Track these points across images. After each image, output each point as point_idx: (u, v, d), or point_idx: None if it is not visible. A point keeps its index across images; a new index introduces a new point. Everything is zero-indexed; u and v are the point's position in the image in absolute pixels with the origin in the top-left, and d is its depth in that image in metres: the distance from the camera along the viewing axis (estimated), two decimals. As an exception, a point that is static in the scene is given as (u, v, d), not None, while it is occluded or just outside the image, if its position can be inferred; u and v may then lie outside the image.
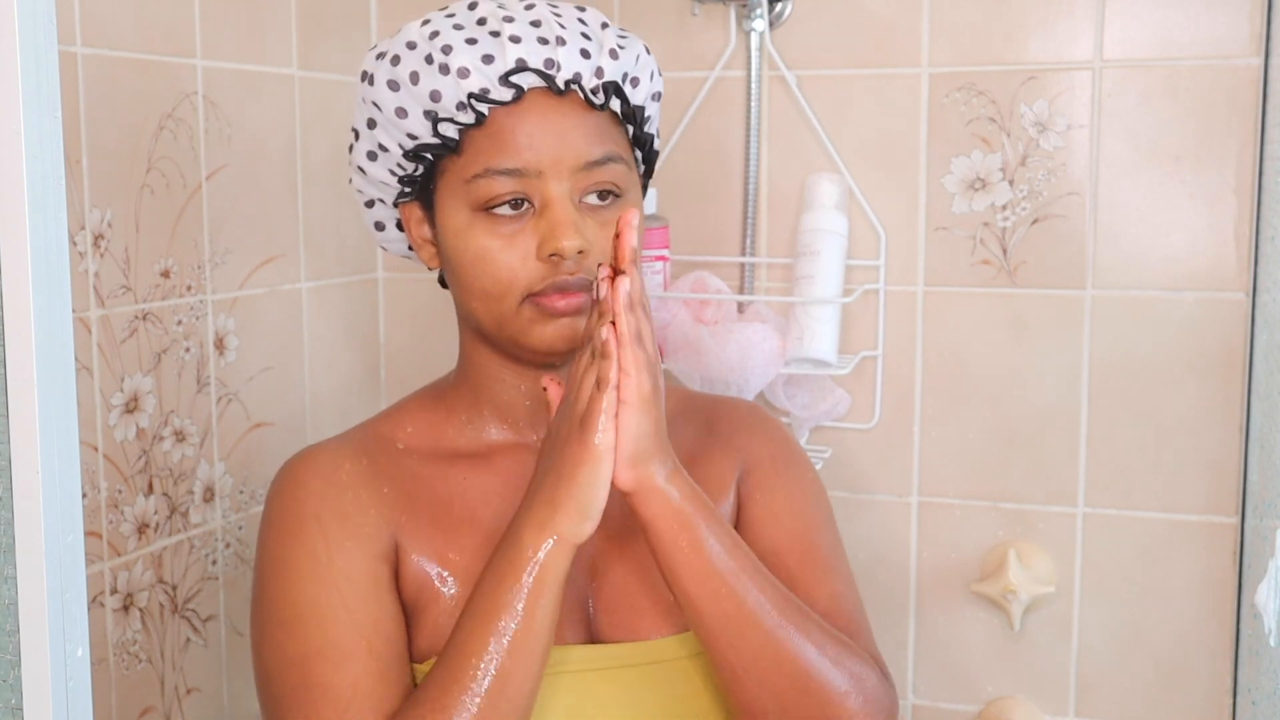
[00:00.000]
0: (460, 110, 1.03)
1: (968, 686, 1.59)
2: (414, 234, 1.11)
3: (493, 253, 1.03)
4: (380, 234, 1.16)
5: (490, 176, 1.03)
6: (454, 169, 1.05)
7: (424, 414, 1.14)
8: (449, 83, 1.02)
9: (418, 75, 1.03)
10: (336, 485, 1.07)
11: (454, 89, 1.02)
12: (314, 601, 1.02)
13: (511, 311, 1.04)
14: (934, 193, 1.54)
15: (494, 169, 1.02)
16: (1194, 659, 1.51)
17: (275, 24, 1.48)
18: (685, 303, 1.57)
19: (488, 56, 1.02)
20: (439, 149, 1.04)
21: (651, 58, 1.11)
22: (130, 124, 1.27)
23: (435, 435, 1.12)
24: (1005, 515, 1.56)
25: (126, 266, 1.28)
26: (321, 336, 1.58)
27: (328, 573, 1.03)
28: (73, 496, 0.86)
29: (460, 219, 1.04)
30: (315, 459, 1.09)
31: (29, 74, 0.81)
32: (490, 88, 1.02)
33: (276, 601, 1.04)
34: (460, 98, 1.02)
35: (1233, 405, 1.47)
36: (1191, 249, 1.47)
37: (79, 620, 0.86)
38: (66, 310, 0.85)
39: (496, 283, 1.03)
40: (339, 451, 1.10)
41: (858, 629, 1.12)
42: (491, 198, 1.03)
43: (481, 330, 1.08)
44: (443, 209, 1.06)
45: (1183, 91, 1.45)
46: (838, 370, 1.52)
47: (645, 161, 1.14)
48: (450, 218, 1.05)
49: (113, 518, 1.27)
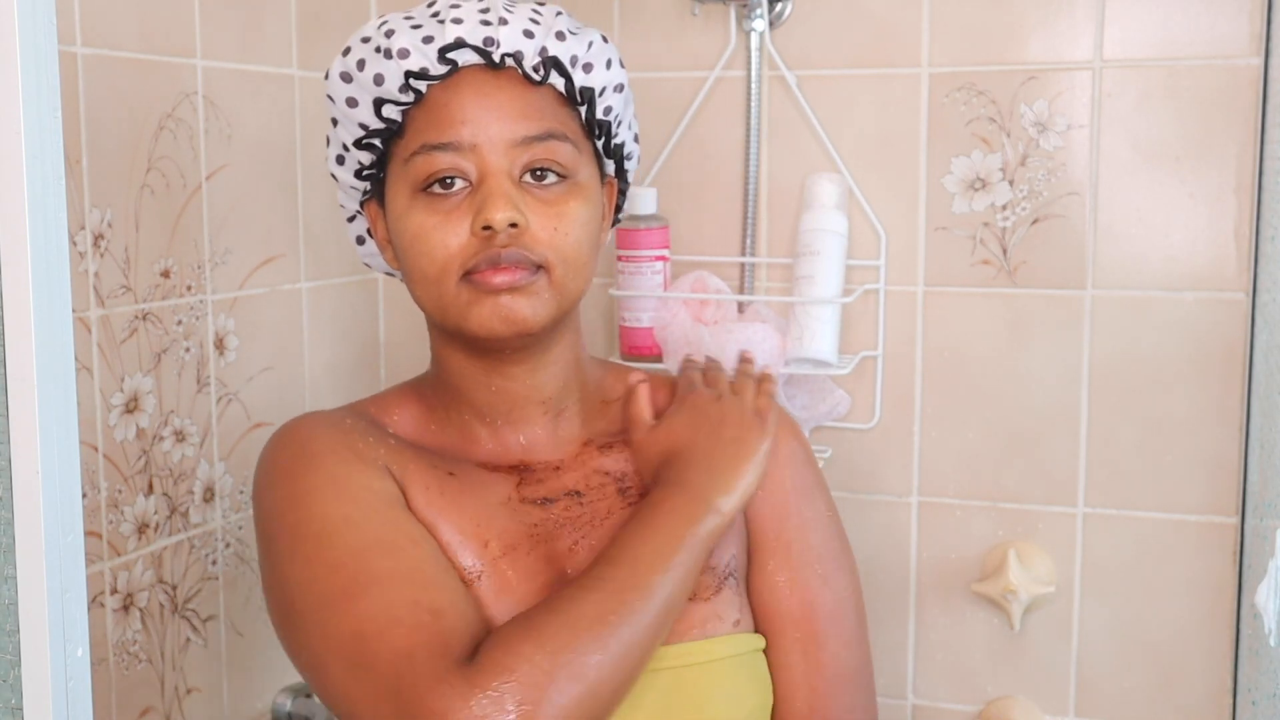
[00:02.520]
0: (402, 92, 1.03)
1: (968, 686, 1.59)
2: (378, 236, 1.10)
3: (428, 230, 1.02)
4: (361, 249, 1.16)
5: (427, 152, 1.02)
6: (398, 152, 1.05)
7: (408, 405, 1.14)
8: (391, 65, 1.03)
9: (364, 62, 1.04)
10: (342, 428, 1.07)
11: (395, 71, 1.03)
12: (341, 513, 1.00)
13: (451, 294, 1.03)
14: (934, 193, 1.54)
15: (430, 144, 1.02)
16: (1194, 659, 1.51)
17: (275, 24, 1.48)
18: (685, 303, 1.57)
19: (428, 37, 1.03)
20: (384, 133, 1.05)
21: (610, 48, 1.09)
22: (130, 124, 1.27)
23: (420, 427, 1.13)
24: (1005, 515, 1.56)
25: (126, 266, 1.28)
26: (321, 336, 1.58)
27: (348, 485, 1.02)
28: (73, 496, 0.86)
29: (402, 201, 1.04)
30: (313, 415, 1.10)
31: (29, 74, 0.81)
32: (429, 66, 1.03)
33: (301, 522, 1.01)
34: (400, 79, 1.03)
35: (1233, 405, 1.47)
36: (1191, 249, 1.47)
37: (79, 620, 0.87)
38: (66, 310, 0.85)
39: (433, 262, 1.02)
40: (334, 412, 1.11)
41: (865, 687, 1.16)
42: (429, 174, 1.02)
43: (433, 321, 1.08)
44: (389, 196, 1.06)
45: (1183, 91, 1.45)
46: (838, 370, 1.52)
47: (611, 156, 1.13)
48: (394, 202, 1.05)
49: (113, 518, 1.27)
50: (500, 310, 1.02)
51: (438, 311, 1.05)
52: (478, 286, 1.02)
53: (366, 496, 1.02)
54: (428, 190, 1.03)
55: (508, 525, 1.07)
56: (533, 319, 1.03)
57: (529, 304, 1.02)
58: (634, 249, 1.57)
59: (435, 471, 1.08)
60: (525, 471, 1.10)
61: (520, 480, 1.10)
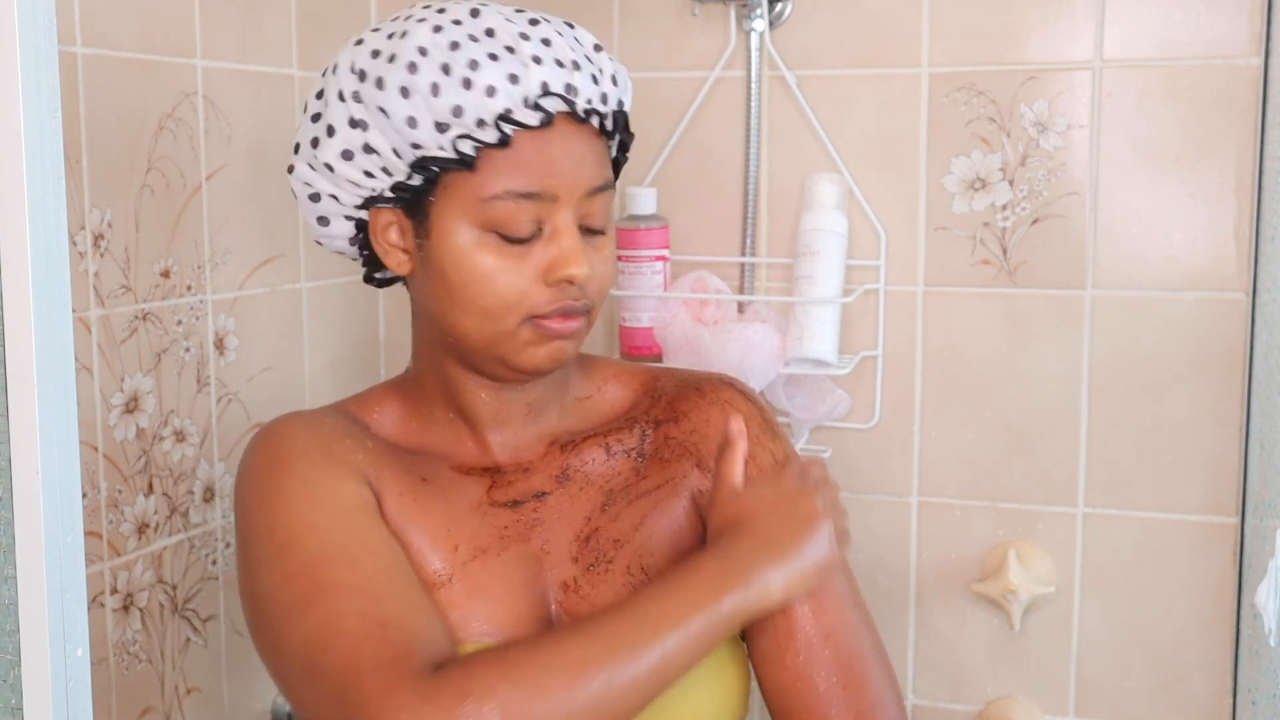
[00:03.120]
0: (480, 127, 1.00)
1: (968, 686, 1.59)
2: (381, 239, 1.08)
3: (500, 273, 1.02)
4: (323, 228, 1.11)
5: (510, 199, 1.01)
6: (464, 185, 1.02)
7: (389, 404, 1.14)
8: (473, 99, 0.99)
9: (438, 88, 1.00)
10: (320, 430, 1.07)
11: (479, 106, 1.00)
12: (305, 520, 1.00)
13: (508, 331, 1.04)
14: (934, 193, 1.54)
15: (514, 192, 1.01)
16: (1194, 659, 1.51)
17: (275, 24, 1.48)
18: (685, 303, 1.57)
19: (513, 76, 1.00)
20: (453, 163, 1.02)
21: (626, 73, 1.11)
22: (130, 124, 1.27)
23: (402, 427, 1.13)
24: (1005, 515, 1.56)
25: (126, 266, 1.28)
26: (321, 336, 1.58)
27: (316, 491, 1.02)
28: (73, 496, 0.86)
29: (465, 236, 1.03)
30: (293, 416, 1.10)
31: (29, 74, 0.81)
32: (514, 108, 1.00)
33: (267, 528, 1.02)
34: (483, 115, 1.00)
35: (1233, 405, 1.47)
36: (1191, 249, 1.47)
37: (79, 620, 0.87)
38: (66, 310, 0.85)
39: (500, 302, 1.03)
40: (315, 411, 1.11)
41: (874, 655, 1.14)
42: (509, 221, 1.02)
43: (461, 344, 1.07)
44: (442, 223, 1.04)
45: (1183, 91, 1.45)
46: (838, 370, 1.52)
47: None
48: (453, 234, 1.03)
49: (113, 518, 1.27)
50: (554, 352, 1.05)
51: (483, 343, 1.05)
52: (543, 331, 1.04)
53: (332, 503, 1.02)
54: (501, 233, 1.03)
55: (478, 529, 1.08)
56: (572, 356, 1.08)
57: (574, 345, 1.07)
58: (634, 249, 1.57)
59: (409, 477, 1.08)
60: (498, 474, 1.12)
61: (492, 483, 1.11)
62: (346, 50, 1.07)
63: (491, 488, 1.11)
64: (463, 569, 1.06)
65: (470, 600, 1.05)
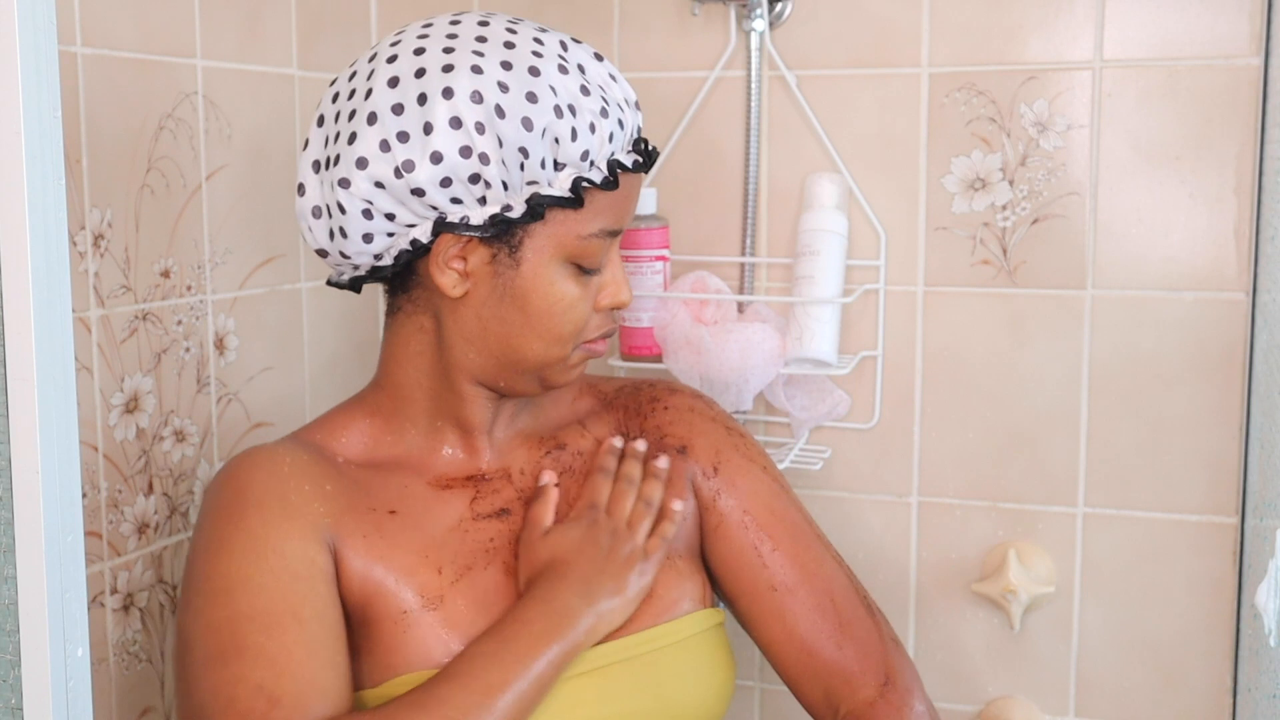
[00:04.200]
0: (592, 169, 1.07)
1: (968, 686, 1.59)
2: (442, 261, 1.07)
3: (575, 301, 1.09)
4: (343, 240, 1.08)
5: (605, 238, 1.09)
6: (565, 221, 1.07)
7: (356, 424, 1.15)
8: (596, 142, 1.06)
9: (577, 132, 1.05)
10: (279, 476, 1.08)
11: (599, 149, 1.07)
12: (243, 573, 1.02)
13: (566, 354, 1.11)
14: (934, 193, 1.54)
15: (607, 230, 1.09)
16: (1194, 659, 1.51)
17: (275, 24, 1.48)
18: (685, 303, 1.57)
19: (621, 123, 1.08)
20: (565, 202, 1.06)
21: None
22: (130, 124, 1.27)
23: (372, 443, 1.14)
24: (1005, 515, 1.56)
25: (126, 266, 1.28)
26: (321, 336, 1.58)
27: (262, 547, 1.03)
28: (73, 496, 0.86)
29: (554, 269, 1.08)
30: (255, 455, 1.10)
31: (29, 74, 0.81)
32: (619, 154, 1.09)
33: (205, 575, 1.03)
34: (600, 159, 1.07)
35: (1233, 405, 1.47)
36: (1191, 249, 1.47)
37: (79, 620, 0.87)
38: (66, 310, 0.85)
39: (573, 328, 1.10)
40: (278, 449, 1.11)
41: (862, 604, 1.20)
42: (594, 255, 1.09)
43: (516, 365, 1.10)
44: (536, 255, 1.07)
45: (1183, 91, 1.45)
46: (838, 370, 1.52)
47: None
48: (543, 264, 1.08)
49: (113, 518, 1.27)
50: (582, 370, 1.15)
51: (541, 363, 1.10)
52: (587, 353, 1.13)
53: (274, 562, 1.03)
54: (581, 265, 1.09)
55: (460, 548, 1.10)
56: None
57: None
58: (634, 249, 1.57)
59: (375, 514, 1.09)
60: (481, 483, 1.13)
61: (476, 494, 1.13)
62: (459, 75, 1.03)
63: (475, 499, 1.12)
64: (452, 588, 1.08)
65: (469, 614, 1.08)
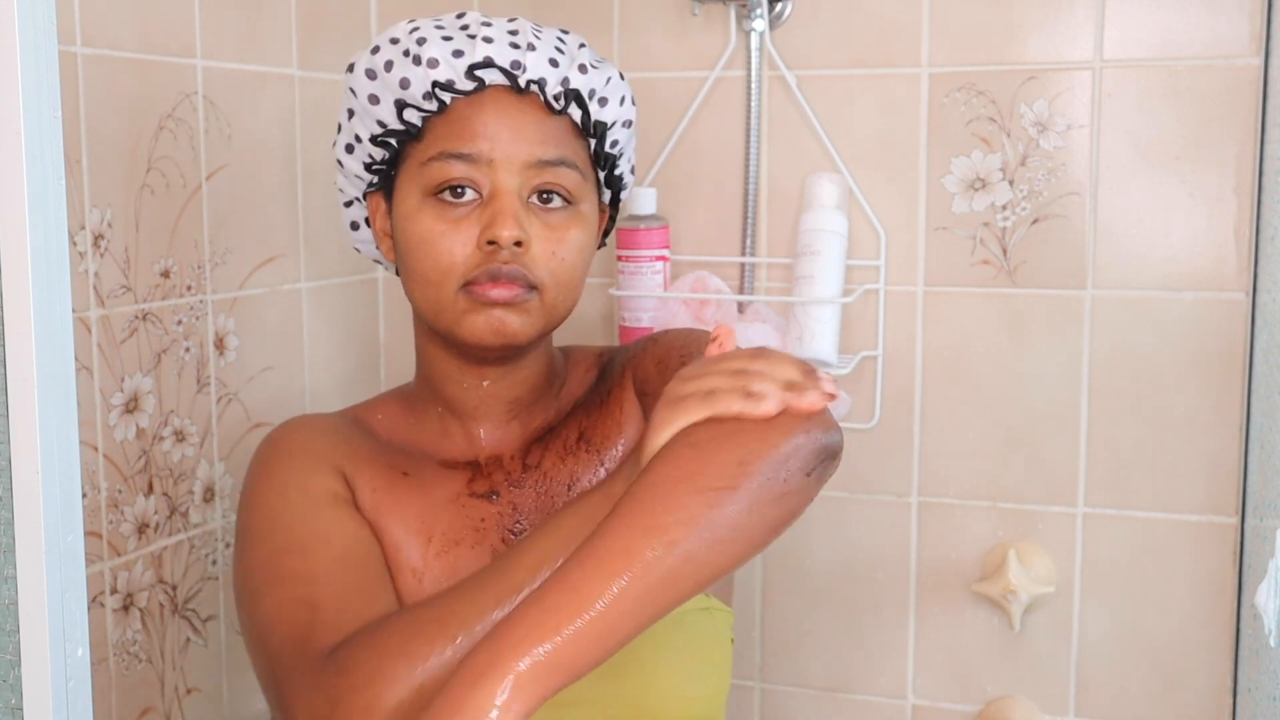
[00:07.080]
0: (426, 99, 1.07)
1: (968, 686, 1.59)
2: (377, 226, 1.14)
3: (436, 236, 1.06)
4: (355, 234, 1.19)
5: (444, 160, 1.06)
6: (413, 154, 1.08)
7: (391, 406, 1.19)
8: (419, 72, 1.06)
9: (392, 64, 1.07)
10: (311, 433, 1.13)
11: (422, 78, 1.06)
12: (274, 514, 1.06)
13: (449, 299, 1.06)
14: (934, 193, 1.54)
15: (448, 152, 1.06)
16: (1194, 659, 1.51)
17: (275, 24, 1.48)
18: (685, 303, 1.57)
19: (458, 51, 1.06)
20: (402, 135, 1.08)
21: (625, 85, 1.14)
22: (130, 124, 1.27)
23: (399, 424, 1.18)
24: (1005, 515, 1.56)
25: (126, 266, 1.28)
26: (321, 336, 1.58)
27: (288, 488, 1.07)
28: (73, 496, 0.86)
29: (412, 202, 1.08)
30: (293, 420, 1.17)
31: (29, 74, 0.81)
32: (456, 79, 1.06)
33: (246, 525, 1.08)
34: (427, 87, 1.06)
35: (1233, 405, 1.47)
36: (1191, 249, 1.47)
37: (79, 620, 0.87)
38: (66, 310, 0.85)
39: (436, 267, 1.06)
40: (316, 415, 1.18)
41: None
42: (443, 180, 1.06)
43: (425, 321, 1.11)
44: (399, 194, 1.10)
45: (1183, 91, 1.45)
46: (838, 370, 1.52)
47: (609, 186, 1.17)
48: (403, 201, 1.09)
49: (113, 518, 1.27)
50: (493, 323, 1.06)
51: (432, 313, 1.09)
52: (475, 298, 1.06)
53: (298, 498, 1.07)
54: (438, 196, 1.06)
55: (453, 521, 1.11)
56: (521, 334, 1.07)
57: (520, 320, 1.06)
58: (634, 249, 1.57)
59: (390, 471, 1.12)
60: (478, 467, 1.14)
61: (472, 476, 1.14)
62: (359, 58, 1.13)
63: (472, 480, 1.14)
64: (435, 561, 1.09)
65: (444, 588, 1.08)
